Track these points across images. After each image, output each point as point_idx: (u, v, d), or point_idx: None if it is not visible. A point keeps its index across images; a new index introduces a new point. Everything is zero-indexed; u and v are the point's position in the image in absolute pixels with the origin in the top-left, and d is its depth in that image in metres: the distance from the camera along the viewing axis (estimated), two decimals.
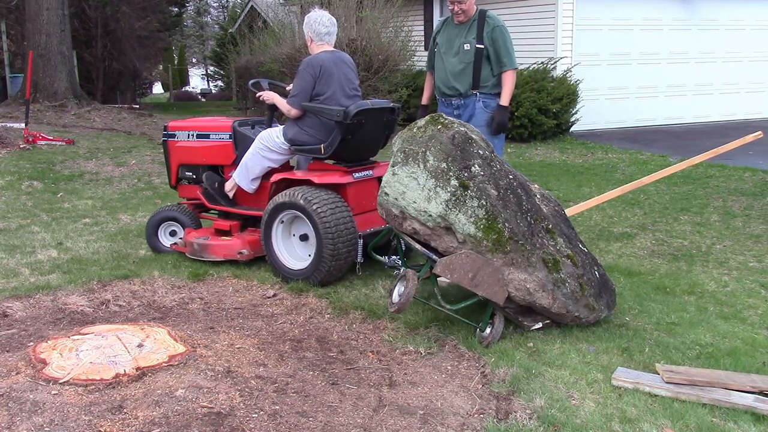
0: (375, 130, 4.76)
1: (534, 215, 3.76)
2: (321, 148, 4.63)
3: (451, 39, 5.29)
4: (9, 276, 4.72)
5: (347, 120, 4.47)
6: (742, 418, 2.97)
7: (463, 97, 5.25)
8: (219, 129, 5.15)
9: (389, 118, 4.83)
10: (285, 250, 4.71)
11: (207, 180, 5.16)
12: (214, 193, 5.12)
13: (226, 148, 5.10)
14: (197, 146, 5.21)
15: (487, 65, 5.19)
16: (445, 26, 5.42)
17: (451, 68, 5.24)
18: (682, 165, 5.26)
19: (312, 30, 4.79)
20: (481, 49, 5.15)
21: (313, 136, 4.71)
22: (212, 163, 5.20)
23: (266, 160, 4.85)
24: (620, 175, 8.83)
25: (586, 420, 2.93)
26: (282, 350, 3.60)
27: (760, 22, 14.59)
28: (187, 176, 5.34)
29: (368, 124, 4.62)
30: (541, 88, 11.52)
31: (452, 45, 5.27)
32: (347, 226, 4.46)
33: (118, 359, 3.24)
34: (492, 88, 5.24)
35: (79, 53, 18.58)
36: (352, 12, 11.83)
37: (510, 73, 5.20)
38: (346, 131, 4.52)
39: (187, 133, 5.28)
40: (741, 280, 4.84)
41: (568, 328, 3.87)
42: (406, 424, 2.92)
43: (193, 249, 5.01)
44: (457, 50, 5.23)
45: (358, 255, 4.51)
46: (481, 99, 5.24)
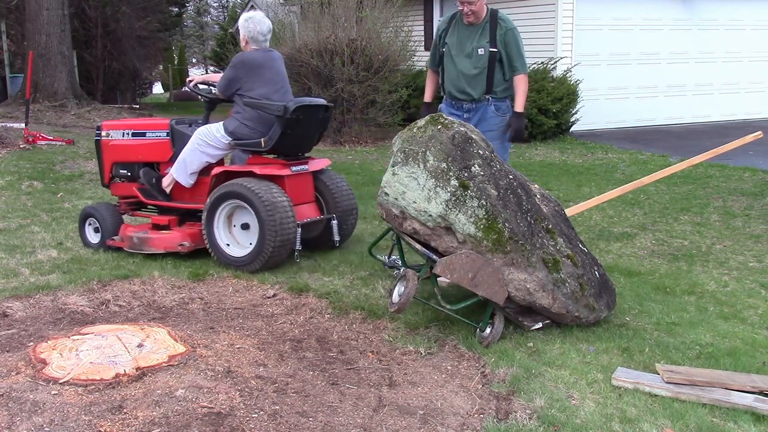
0: (311, 127, 5.02)
1: (534, 215, 3.76)
2: (261, 142, 4.86)
3: (463, 41, 5.09)
4: (9, 276, 4.72)
5: (287, 115, 4.73)
6: (742, 418, 2.97)
7: (475, 101, 5.11)
8: (156, 127, 5.34)
9: (324, 116, 5.10)
10: (226, 239, 4.93)
11: (144, 176, 5.29)
12: (151, 189, 5.26)
13: (164, 145, 5.26)
14: (133, 144, 5.36)
15: (500, 69, 5.06)
16: (454, 26, 5.18)
17: (464, 71, 5.06)
18: (682, 165, 5.26)
19: (249, 33, 5.01)
20: (495, 52, 5.01)
21: (254, 130, 4.93)
22: (149, 160, 5.35)
23: (204, 155, 5.04)
24: (620, 175, 8.83)
25: (586, 420, 2.93)
26: (282, 350, 3.60)
27: (760, 22, 14.60)
28: (121, 174, 5.46)
29: (306, 120, 4.89)
30: (541, 88, 11.53)
31: (464, 47, 5.08)
32: (288, 215, 4.71)
33: (118, 359, 3.24)
34: (503, 92, 5.13)
35: (79, 53, 18.58)
36: (352, 12, 11.82)
37: (523, 77, 5.08)
38: (286, 126, 4.76)
39: (121, 131, 5.42)
40: (741, 280, 4.84)
41: (568, 328, 3.87)
42: (406, 424, 2.92)
43: (133, 243, 5.13)
44: (470, 53, 5.05)
45: (297, 243, 4.83)
46: (492, 103, 5.11)
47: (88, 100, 16.68)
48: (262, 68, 4.95)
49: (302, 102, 4.84)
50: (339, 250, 5.38)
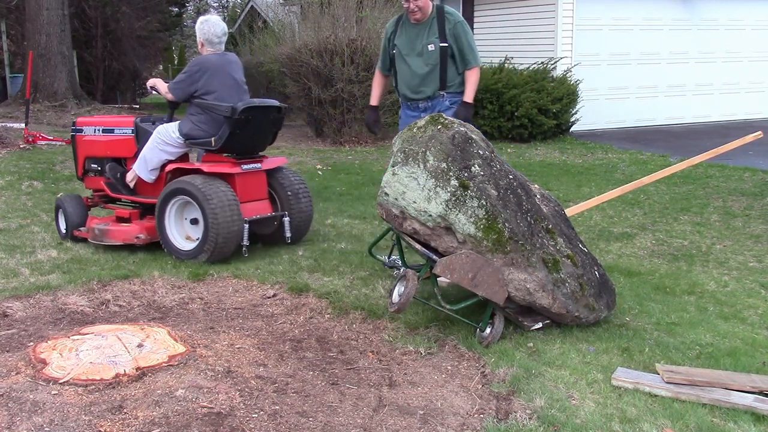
0: (262, 127, 5.20)
1: (534, 215, 3.76)
2: (212, 141, 5.05)
3: (412, 40, 5.01)
4: (9, 276, 4.72)
5: (234, 116, 4.93)
6: (742, 418, 2.97)
7: (430, 99, 5.04)
8: (122, 124, 5.57)
9: (276, 116, 5.28)
10: (177, 233, 5.15)
11: (110, 171, 5.54)
12: (116, 183, 5.52)
13: (129, 141, 5.49)
14: (103, 140, 5.60)
15: (452, 64, 4.98)
16: (401, 27, 5.11)
17: (417, 70, 4.99)
18: (682, 165, 5.26)
19: (205, 36, 5.20)
20: (445, 47, 4.92)
21: (205, 131, 5.11)
22: (116, 155, 5.59)
23: (163, 153, 5.24)
24: (620, 175, 8.83)
25: (586, 420, 2.93)
26: (282, 350, 3.60)
27: (760, 22, 14.59)
28: (92, 168, 5.70)
29: (255, 120, 5.07)
30: (541, 88, 11.53)
31: (414, 46, 5.00)
32: (233, 211, 4.90)
33: (118, 359, 3.24)
34: (458, 86, 5.04)
35: (79, 53, 18.57)
36: (352, 12, 11.82)
37: (475, 70, 5.00)
38: (234, 126, 4.97)
39: (93, 128, 5.66)
40: (741, 280, 4.84)
41: (568, 328, 3.87)
42: (406, 424, 2.92)
43: (94, 234, 5.33)
44: (420, 51, 4.98)
45: (244, 238, 5.01)
46: (448, 99, 5.04)
47: (88, 100, 16.67)
48: (218, 71, 5.14)
49: (251, 103, 5.05)
50: (339, 250, 5.38)
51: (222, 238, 4.87)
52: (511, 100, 11.52)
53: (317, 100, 11.49)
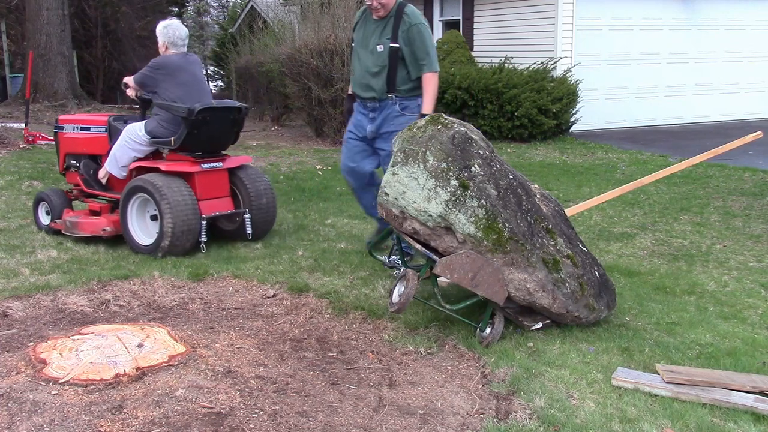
0: (222, 127, 5.37)
1: (534, 215, 3.76)
2: (171, 141, 5.24)
3: (367, 36, 4.86)
4: (9, 276, 4.72)
5: (192, 116, 5.09)
6: (742, 418, 2.97)
7: (379, 100, 4.87)
8: (97, 123, 5.77)
9: (237, 117, 5.44)
10: (138, 228, 5.34)
11: (84, 167, 5.80)
12: (89, 179, 5.77)
13: (102, 139, 5.71)
14: (80, 138, 5.85)
15: (404, 67, 4.78)
16: (363, 20, 4.95)
17: (367, 68, 4.86)
18: (682, 165, 5.26)
19: (169, 39, 5.39)
20: (395, 49, 4.71)
21: (168, 129, 5.30)
22: (91, 152, 5.83)
23: (132, 150, 5.42)
24: (620, 175, 8.83)
25: (586, 420, 2.93)
26: (282, 350, 3.60)
27: (760, 22, 14.60)
28: (72, 164, 5.95)
29: (214, 120, 5.24)
30: (541, 88, 11.52)
31: (367, 43, 4.86)
32: (189, 208, 5.08)
33: (118, 359, 3.25)
34: (410, 90, 4.85)
35: (79, 53, 18.57)
36: (352, 12, 11.81)
37: (430, 76, 4.77)
38: (192, 126, 5.13)
39: (72, 125, 5.91)
40: (741, 280, 4.84)
41: (568, 328, 3.87)
42: (406, 424, 2.92)
43: (66, 226, 5.56)
44: (372, 50, 4.83)
45: (202, 234, 5.19)
46: (397, 102, 4.86)
47: (88, 100, 16.68)
48: (180, 71, 5.31)
49: (208, 104, 5.21)
50: (339, 250, 5.38)
51: (178, 234, 5.04)
52: (511, 100, 11.52)
53: (317, 100, 11.49)
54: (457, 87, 12.05)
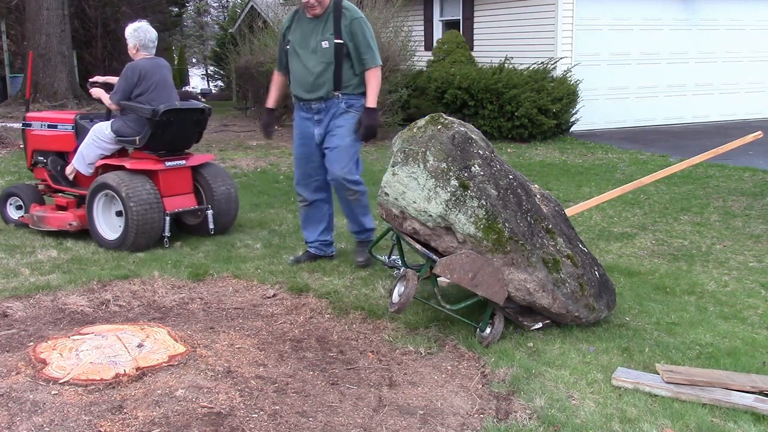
0: (185, 127, 5.58)
1: (534, 215, 3.76)
2: (136, 140, 5.44)
3: (306, 35, 4.70)
4: (9, 276, 4.72)
5: (156, 117, 5.29)
6: (742, 418, 2.97)
7: (324, 100, 4.73)
8: (64, 121, 5.94)
9: (200, 118, 5.65)
10: (104, 224, 5.51)
11: (51, 164, 5.97)
12: (57, 175, 5.93)
13: (69, 137, 5.86)
14: (47, 135, 6.01)
15: (348, 63, 4.68)
16: (296, 21, 4.77)
17: (311, 69, 4.69)
18: (682, 165, 5.25)
19: (140, 41, 5.56)
20: (340, 44, 4.61)
21: (133, 129, 5.48)
22: (58, 149, 5.99)
23: (98, 149, 5.60)
24: (620, 175, 8.83)
25: (586, 420, 2.93)
26: (282, 350, 3.60)
27: (760, 22, 14.60)
28: (39, 160, 6.12)
29: (177, 121, 5.45)
30: (541, 88, 11.52)
31: (308, 43, 4.69)
32: (152, 204, 5.28)
33: (118, 359, 3.25)
34: (356, 87, 4.75)
35: (79, 53, 18.57)
36: None
37: (374, 71, 4.70)
38: (156, 126, 5.34)
39: (40, 123, 6.07)
40: (741, 280, 4.84)
41: (568, 328, 3.87)
42: (406, 424, 2.92)
43: (33, 220, 5.77)
44: (314, 48, 4.67)
45: (166, 230, 5.38)
46: (344, 100, 4.74)
47: (88, 100, 16.63)
48: (152, 75, 5.50)
49: (172, 105, 5.41)
50: (339, 251, 5.38)
51: (142, 229, 5.24)
52: (511, 100, 11.52)
53: None
54: (457, 87, 12.05)
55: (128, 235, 5.25)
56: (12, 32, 18.77)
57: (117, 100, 5.49)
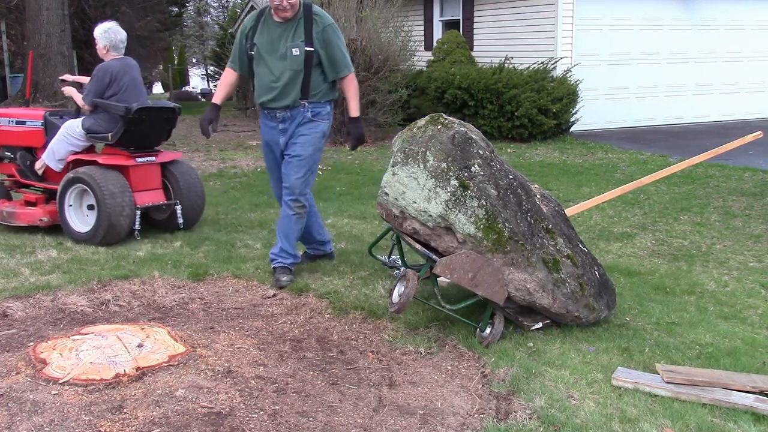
0: (156, 125, 5.75)
1: (534, 215, 3.76)
2: (109, 136, 5.60)
3: (274, 40, 4.48)
4: (9, 276, 4.72)
5: (129, 115, 5.48)
6: (742, 418, 2.97)
7: (289, 109, 4.54)
8: (33, 117, 6.08)
9: (169, 116, 5.81)
10: (75, 217, 5.66)
11: (20, 159, 6.08)
12: (26, 170, 6.05)
13: (39, 133, 6.00)
14: (15, 131, 6.12)
15: (318, 71, 4.52)
16: (263, 23, 4.54)
17: (279, 76, 4.48)
18: (682, 165, 5.26)
19: (110, 42, 5.73)
20: (311, 52, 4.44)
21: (104, 127, 5.63)
22: (27, 145, 6.11)
23: (69, 145, 5.75)
24: (620, 175, 8.83)
25: (586, 420, 2.93)
26: (282, 350, 3.60)
27: (760, 22, 14.60)
28: (6, 156, 6.24)
29: (149, 119, 5.62)
30: (541, 88, 11.53)
31: (276, 47, 4.48)
32: (124, 198, 5.45)
33: (118, 359, 3.25)
34: (323, 95, 4.61)
35: (79, 53, 18.56)
36: (352, 12, 11.81)
37: (350, 78, 4.61)
38: (129, 124, 5.52)
39: (7, 119, 6.17)
40: (741, 280, 4.84)
41: (568, 328, 3.87)
42: (406, 424, 2.92)
43: (3, 216, 5.89)
44: (283, 54, 4.46)
45: (136, 223, 5.56)
46: (309, 109, 4.56)
47: None
48: (123, 76, 5.68)
49: (144, 104, 5.60)
50: (339, 250, 5.38)
51: (115, 222, 5.40)
52: (511, 100, 11.52)
53: None
54: (457, 87, 12.05)
55: (100, 228, 5.40)
56: (12, 32, 18.76)
57: (89, 101, 5.63)
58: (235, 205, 6.98)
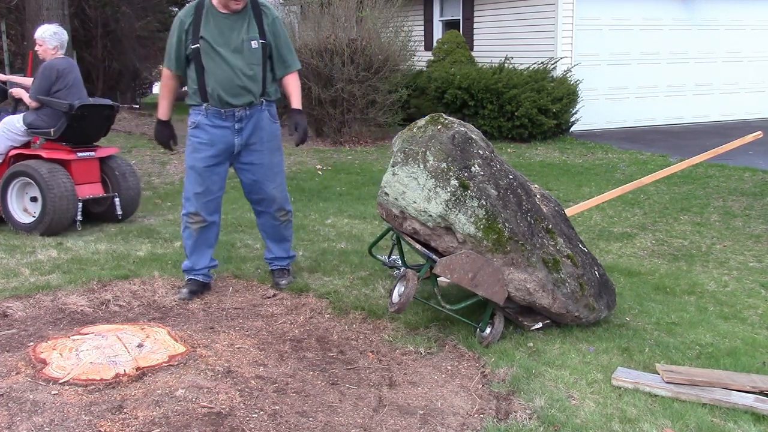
0: (96, 122, 6.09)
1: (534, 215, 3.76)
2: (51, 132, 5.89)
3: (225, 33, 4.14)
4: (9, 276, 4.72)
5: (71, 111, 5.79)
6: (742, 418, 2.97)
7: (249, 107, 4.23)
8: None
9: (108, 113, 6.16)
10: (18, 209, 5.98)
11: None
12: None
13: None
14: None
15: (269, 66, 4.29)
16: (206, 16, 4.15)
17: (242, 70, 4.16)
18: (682, 165, 5.26)
19: (60, 43, 6.05)
20: (265, 45, 4.22)
21: (47, 123, 5.91)
22: None
23: (9, 140, 6.06)
24: (620, 175, 8.83)
25: (586, 420, 2.93)
26: (282, 350, 3.60)
27: (760, 22, 14.60)
28: None
29: (90, 116, 5.96)
30: (541, 88, 11.52)
31: (229, 40, 4.14)
32: (67, 191, 5.76)
33: (118, 359, 3.25)
34: (273, 93, 4.36)
35: (79, 53, 18.54)
36: (352, 12, 11.81)
37: (296, 74, 4.40)
38: (71, 120, 5.83)
39: None
40: (741, 280, 4.84)
41: (568, 328, 3.87)
42: (406, 424, 2.92)
43: None
44: (239, 47, 4.15)
45: (78, 215, 5.88)
46: (265, 108, 4.32)
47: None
48: (68, 73, 5.96)
49: (86, 101, 5.93)
50: (339, 250, 5.38)
51: (59, 213, 5.71)
52: (511, 100, 11.52)
53: (317, 100, 11.48)
54: (457, 87, 12.05)
55: (44, 219, 5.70)
56: (12, 32, 18.75)
57: (35, 97, 5.86)
58: (234, 205, 6.98)
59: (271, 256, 4.65)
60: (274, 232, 4.57)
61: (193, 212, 4.33)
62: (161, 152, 9.82)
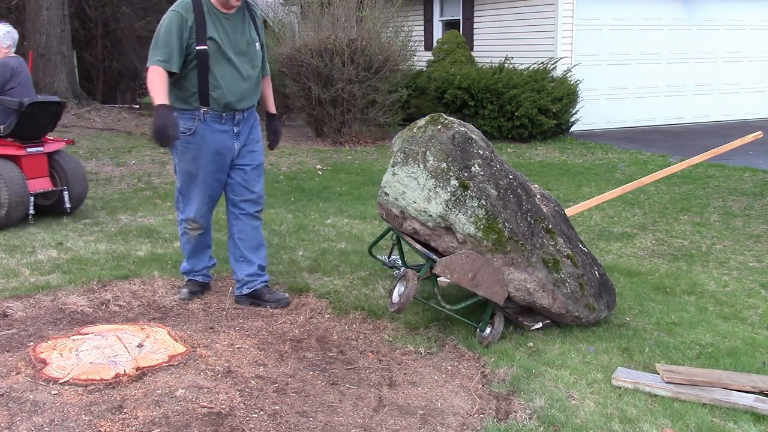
0: (45, 118, 6.28)
1: (534, 215, 3.76)
2: (1, 128, 6.06)
3: (230, 34, 3.98)
4: (9, 276, 4.72)
5: (22, 109, 5.98)
6: (742, 418, 2.97)
7: (247, 110, 4.16)
8: None
9: (56, 110, 6.38)
10: None
11: None
12: None
13: None
14: None
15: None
16: (208, 15, 3.92)
17: (247, 74, 4.06)
18: (682, 165, 5.26)
19: (14, 42, 6.38)
20: (263, 46, 4.20)
21: None
22: None
23: None
24: (620, 175, 8.83)
25: (586, 420, 2.93)
26: (282, 350, 3.60)
27: (760, 22, 14.59)
28: None
29: (39, 113, 6.15)
30: (541, 88, 11.52)
31: (236, 43, 4.00)
32: (20, 185, 5.95)
33: (118, 359, 3.25)
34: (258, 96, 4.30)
35: (79, 53, 18.55)
36: (352, 12, 11.81)
37: (269, 78, 4.39)
38: (21, 117, 6.04)
39: None
40: (741, 280, 4.84)
41: (568, 328, 3.87)
42: (406, 424, 2.92)
43: None
44: (244, 50, 4.03)
45: (30, 208, 6.09)
46: (254, 110, 4.27)
47: (88, 100, 16.67)
48: (20, 72, 6.26)
49: (36, 99, 6.13)
50: (339, 250, 5.38)
51: (13, 206, 5.89)
52: (511, 100, 11.52)
53: (317, 100, 11.48)
54: (457, 87, 12.05)
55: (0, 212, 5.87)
56: None
57: None
58: None
59: (251, 272, 4.28)
60: (253, 236, 4.28)
61: (192, 218, 4.21)
62: (161, 152, 9.82)
